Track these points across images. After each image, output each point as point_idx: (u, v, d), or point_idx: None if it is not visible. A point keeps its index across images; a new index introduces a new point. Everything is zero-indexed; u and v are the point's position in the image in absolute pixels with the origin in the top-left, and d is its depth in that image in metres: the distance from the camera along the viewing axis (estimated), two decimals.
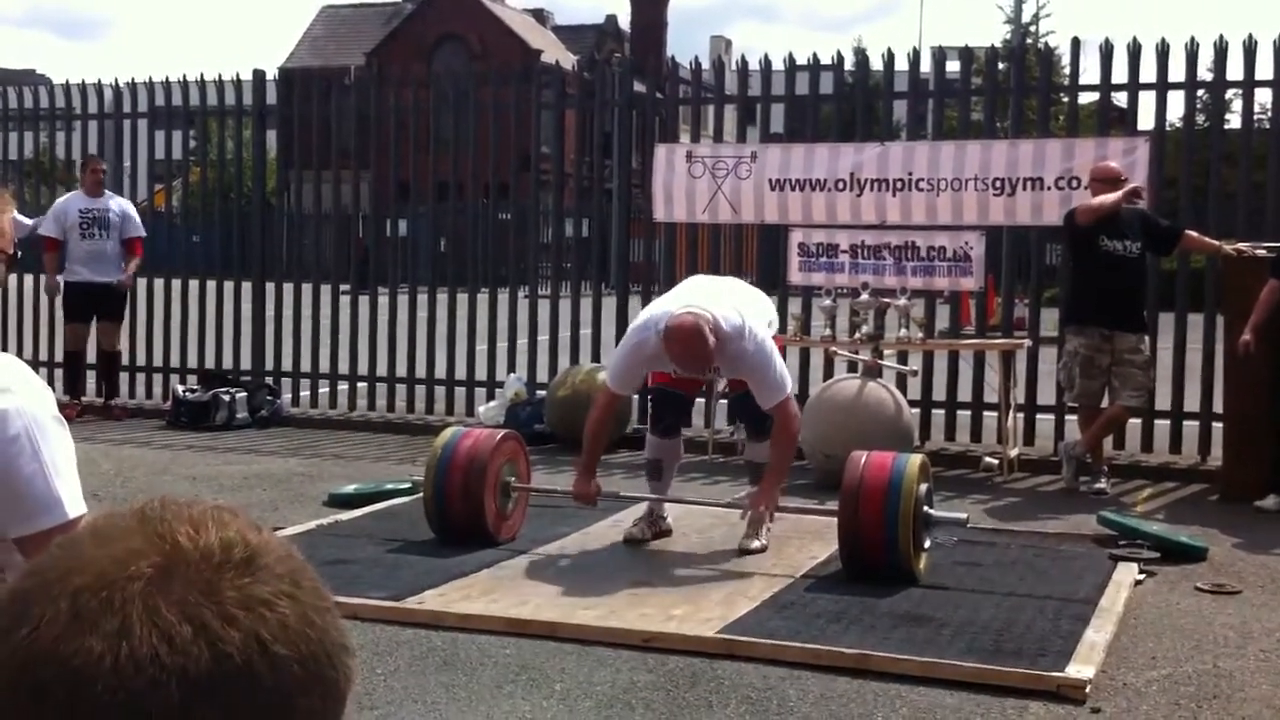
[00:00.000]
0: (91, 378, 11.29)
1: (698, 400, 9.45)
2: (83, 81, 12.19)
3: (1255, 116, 9.71)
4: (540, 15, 56.71)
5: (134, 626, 0.75)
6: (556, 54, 44.49)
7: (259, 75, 11.65)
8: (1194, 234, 8.46)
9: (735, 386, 6.62)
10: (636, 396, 8.63)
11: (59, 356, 11.83)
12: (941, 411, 9.75)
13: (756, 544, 6.40)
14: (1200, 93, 9.85)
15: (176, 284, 11.72)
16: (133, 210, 11.02)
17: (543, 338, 10.60)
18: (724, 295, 6.31)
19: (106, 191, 10.98)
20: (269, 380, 11.26)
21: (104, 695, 0.73)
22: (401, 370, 11.02)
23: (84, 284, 10.80)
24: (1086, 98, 10.12)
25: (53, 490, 2.22)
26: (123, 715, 0.73)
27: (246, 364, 11.41)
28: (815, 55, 10.07)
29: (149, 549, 0.79)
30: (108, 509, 0.87)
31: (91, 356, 11.19)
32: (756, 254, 10.81)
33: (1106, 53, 9.25)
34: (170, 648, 0.74)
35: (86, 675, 0.74)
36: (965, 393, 9.67)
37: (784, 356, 9.56)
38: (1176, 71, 9.19)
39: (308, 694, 0.77)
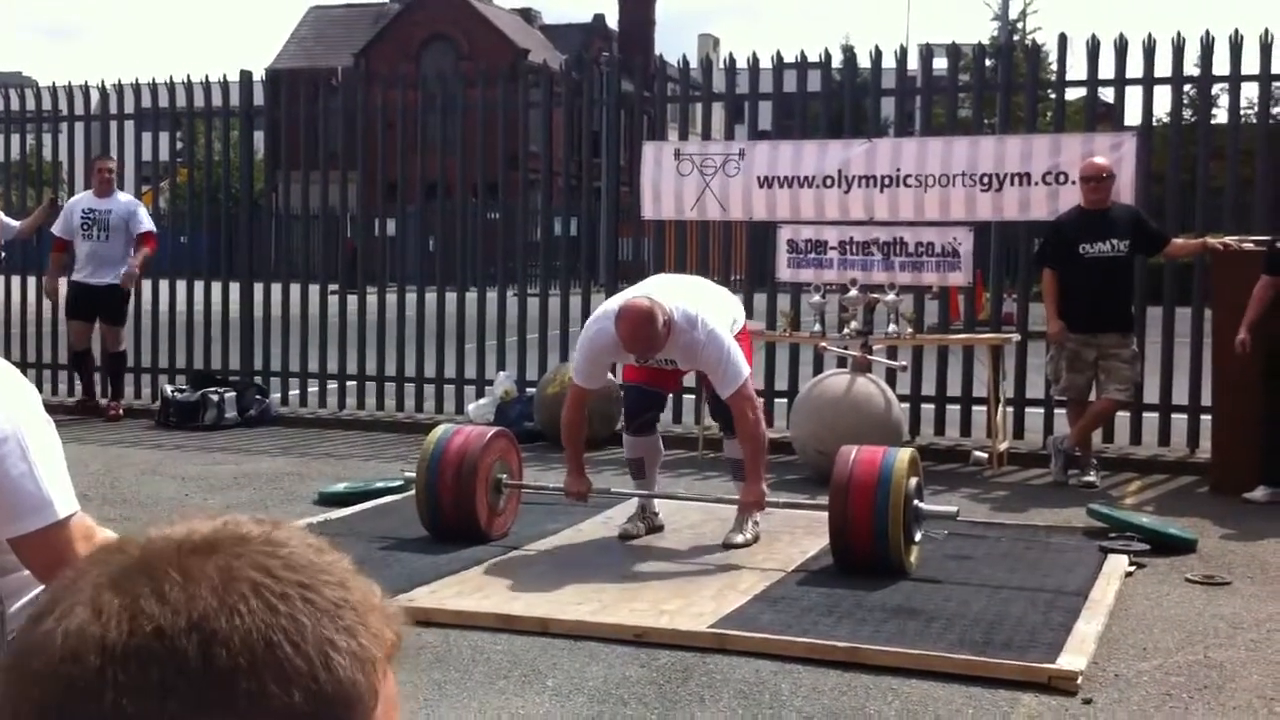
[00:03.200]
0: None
1: (690, 396, 9.50)
2: (69, 83, 12.18)
3: (1242, 111, 9.74)
4: (528, 15, 56.67)
5: (75, 607, 0.78)
6: (544, 53, 44.49)
7: (246, 76, 11.63)
8: (1179, 241, 8.51)
9: (707, 383, 6.62)
10: (622, 393, 8.61)
11: (48, 358, 11.82)
12: (931, 406, 9.77)
13: (741, 538, 6.41)
14: (1187, 88, 9.88)
15: (165, 285, 11.70)
16: (140, 208, 10.90)
17: (532, 336, 10.60)
18: (681, 290, 6.33)
19: (117, 192, 10.90)
20: (258, 380, 11.25)
21: (38, 668, 0.77)
22: (391, 369, 11.02)
23: (83, 285, 10.74)
24: (1073, 93, 10.15)
25: (43, 491, 2.22)
26: (51, 684, 0.76)
27: (235, 364, 11.39)
28: (803, 53, 10.10)
29: (131, 548, 0.82)
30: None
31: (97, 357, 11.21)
32: (745, 251, 10.81)
33: (1093, 48, 9.27)
34: (96, 620, 0.77)
35: (31, 653, 0.78)
36: (954, 387, 9.69)
37: (772, 352, 9.65)
38: (1163, 67, 9.23)
39: (257, 678, 0.76)
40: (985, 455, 8.87)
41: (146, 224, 10.82)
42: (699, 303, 6.21)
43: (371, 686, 0.81)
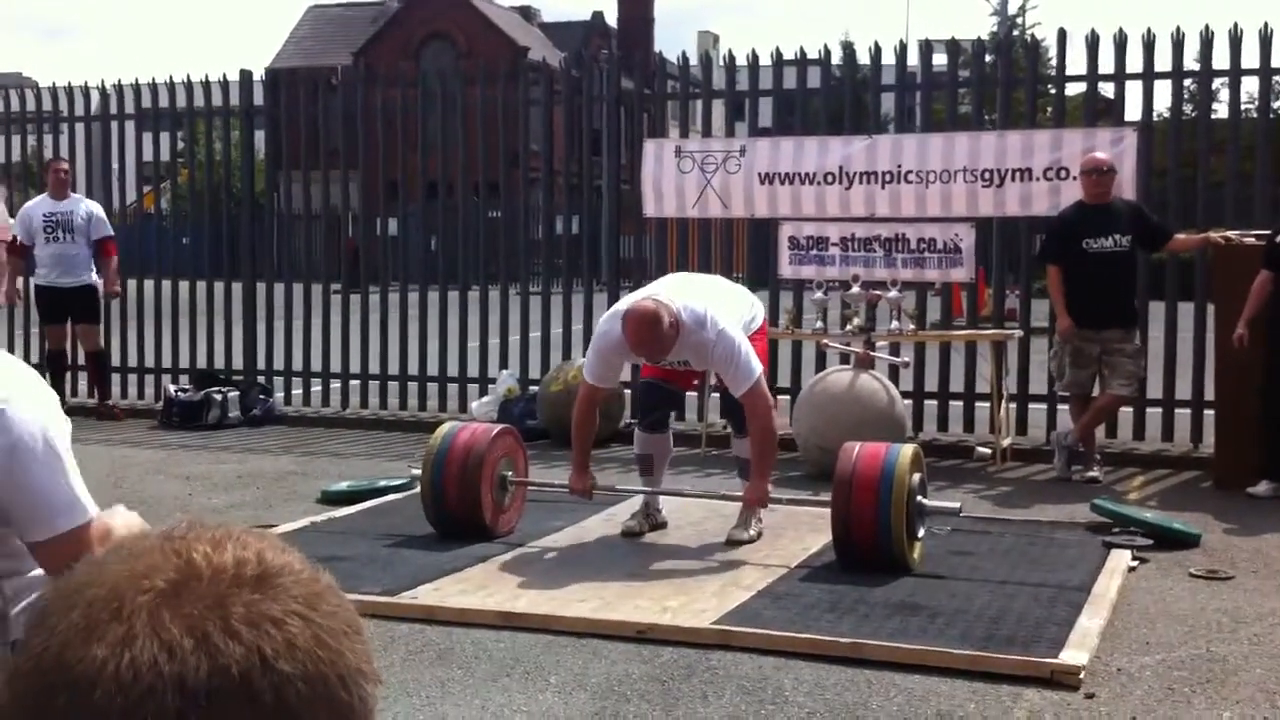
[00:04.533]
0: (83, 380, 11.29)
1: (692, 394, 9.50)
2: (69, 84, 12.18)
3: (1242, 105, 9.73)
4: (527, 12, 56.61)
5: (137, 636, 0.76)
6: (544, 51, 44.46)
7: (246, 76, 11.63)
8: (1181, 235, 8.50)
9: (719, 380, 6.62)
10: (628, 392, 8.63)
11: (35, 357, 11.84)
12: (934, 402, 9.77)
13: (745, 535, 6.42)
14: (1187, 82, 9.87)
15: (167, 285, 11.71)
16: (100, 211, 10.85)
17: (534, 334, 10.61)
18: (692, 289, 6.32)
19: (73, 194, 10.83)
20: (261, 379, 11.26)
21: (103, 701, 0.75)
22: (394, 368, 11.03)
23: (52, 288, 10.68)
24: (1074, 89, 10.15)
25: (75, 492, 2.24)
26: None
27: (238, 363, 11.40)
28: (802, 49, 10.11)
29: (165, 565, 0.80)
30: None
31: (80, 359, 11.19)
32: (746, 248, 10.81)
33: (1093, 43, 9.27)
34: (170, 657, 0.75)
35: (87, 682, 0.75)
36: (957, 383, 9.69)
37: (775, 350, 9.66)
38: (1163, 61, 9.22)
39: (313, 713, 0.77)
40: (988, 451, 8.87)
41: (108, 229, 10.76)
42: (710, 301, 6.18)
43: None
